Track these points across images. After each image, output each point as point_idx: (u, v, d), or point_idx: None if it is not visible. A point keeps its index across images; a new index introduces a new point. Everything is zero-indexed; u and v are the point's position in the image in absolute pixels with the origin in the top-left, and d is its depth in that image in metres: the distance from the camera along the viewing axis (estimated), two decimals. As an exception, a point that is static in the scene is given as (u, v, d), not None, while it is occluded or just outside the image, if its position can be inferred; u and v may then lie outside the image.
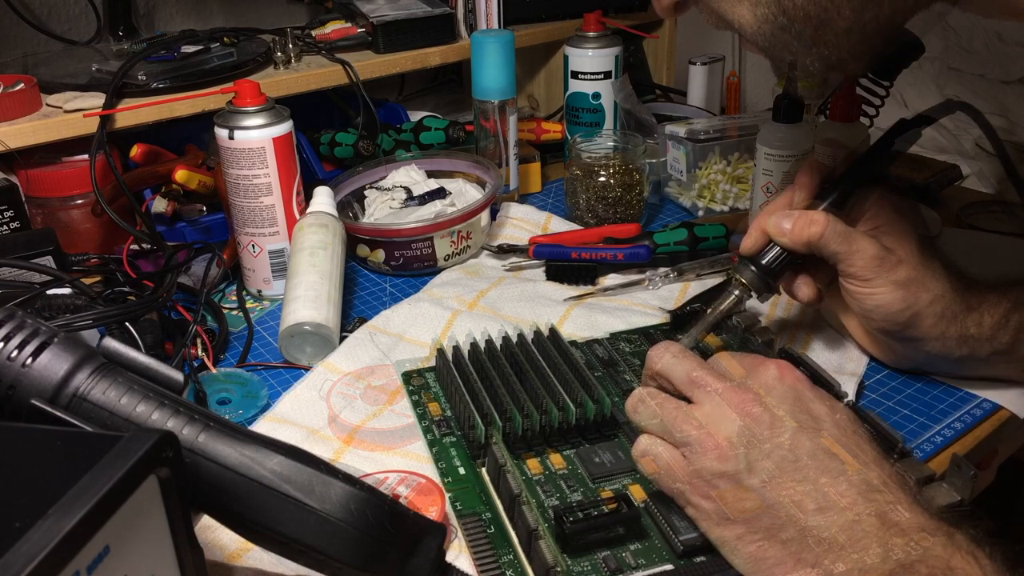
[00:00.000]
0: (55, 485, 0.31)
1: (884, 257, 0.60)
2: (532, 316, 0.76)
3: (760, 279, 0.65)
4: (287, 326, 0.70)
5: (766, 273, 0.65)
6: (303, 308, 0.71)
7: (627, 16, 1.18)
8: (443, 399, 0.65)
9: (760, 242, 0.65)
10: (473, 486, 0.57)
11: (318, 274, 0.74)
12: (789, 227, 0.62)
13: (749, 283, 0.65)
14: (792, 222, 0.62)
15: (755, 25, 0.50)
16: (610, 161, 0.93)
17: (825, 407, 0.49)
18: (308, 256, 0.75)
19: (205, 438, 0.40)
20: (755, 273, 0.65)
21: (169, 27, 1.10)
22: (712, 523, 0.48)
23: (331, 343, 0.71)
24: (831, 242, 0.61)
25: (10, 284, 0.67)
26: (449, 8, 1.04)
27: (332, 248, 0.77)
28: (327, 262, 0.75)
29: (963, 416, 0.64)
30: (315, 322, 0.70)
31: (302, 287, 0.73)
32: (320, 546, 0.40)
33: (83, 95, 0.83)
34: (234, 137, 0.76)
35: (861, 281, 0.61)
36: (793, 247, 0.63)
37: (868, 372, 0.68)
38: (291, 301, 0.72)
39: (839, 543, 0.44)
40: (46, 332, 0.41)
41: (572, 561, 0.50)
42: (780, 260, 0.64)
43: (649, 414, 0.51)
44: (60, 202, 0.84)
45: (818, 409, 0.49)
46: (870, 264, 0.60)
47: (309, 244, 0.76)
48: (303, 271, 0.74)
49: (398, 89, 1.23)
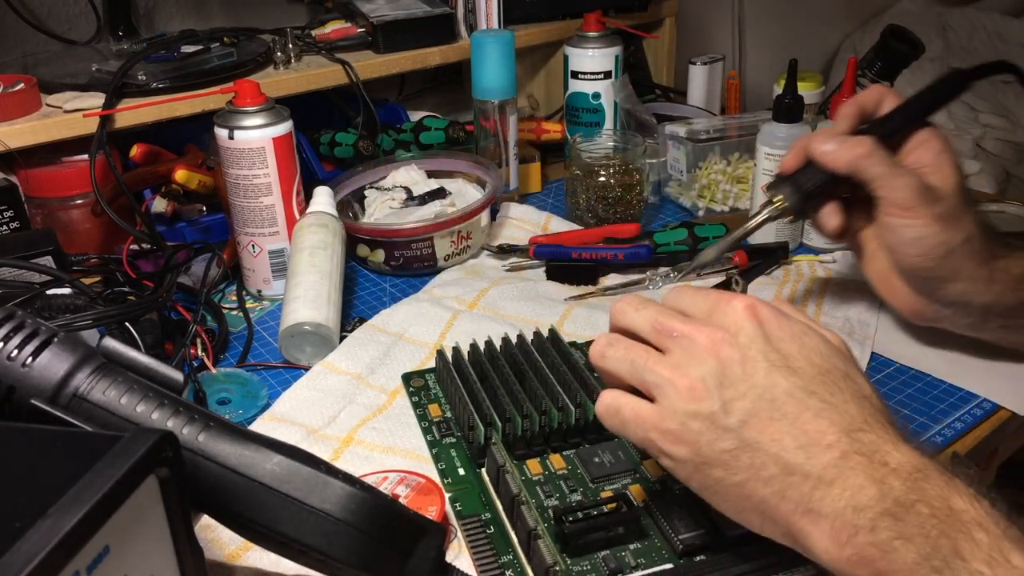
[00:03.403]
0: (55, 485, 0.31)
1: (926, 189, 0.60)
2: (532, 316, 0.76)
3: (797, 199, 0.63)
4: (287, 326, 0.70)
5: (804, 194, 0.63)
6: (303, 308, 0.71)
7: (627, 16, 1.19)
8: (443, 400, 0.65)
9: (799, 159, 0.64)
10: (473, 487, 0.57)
11: (318, 274, 0.74)
12: (833, 148, 0.61)
13: (786, 201, 0.63)
14: (837, 143, 0.61)
15: None
16: (610, 161, 0.93)
17: (796, 345, 0.46)
18: (308, 256, 0.75)
19: (205, 438, 0.40)
20: (791, 191, 0.63)
21: (169, 27, 1.10)
22: (690, 470, 0.45)
23: (331, 343, 0.71)
24: (876, 164, 0.60)
25: (10, 284, 0.67)
26: (449, 8, 1.04)
27: (332, 248, 0.77)
28: (327, 262, 0.75)
29: (963, 416, 0.64)
30: (315, 322, 0.70)
31: (302, 287, 0.73)
32: (320, 546, 0.40)
33: (83, 95, 0.83)
34: (234, 137, 0.76)
35: (902, 210, 0.60)
36: (835, 167, 0.62)
37: (869, 372, 0.68)
38: (291, 301, 0.72)
39: (827, 479, 0.42)
40: (46, 332, 0.41)
41: (572, 561, 0.50)
42: (819, 184, 0.63)
43: (619, 357, 0.48)
44: (60, 202, 0.83)
45: (789, 348, 0.46)
46: (913, 193, 0.60)
47: (309, 244, 0.76)
48: (303, 271, 0.74)
49: (398, 89, 1.23)
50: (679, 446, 0.45)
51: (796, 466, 0.42)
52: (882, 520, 0.40)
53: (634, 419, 0.47)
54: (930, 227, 0.60)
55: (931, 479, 0.41)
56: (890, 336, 0.72)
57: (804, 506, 0.42)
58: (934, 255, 0.61)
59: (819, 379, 0.45)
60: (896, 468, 0.41)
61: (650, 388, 0.46)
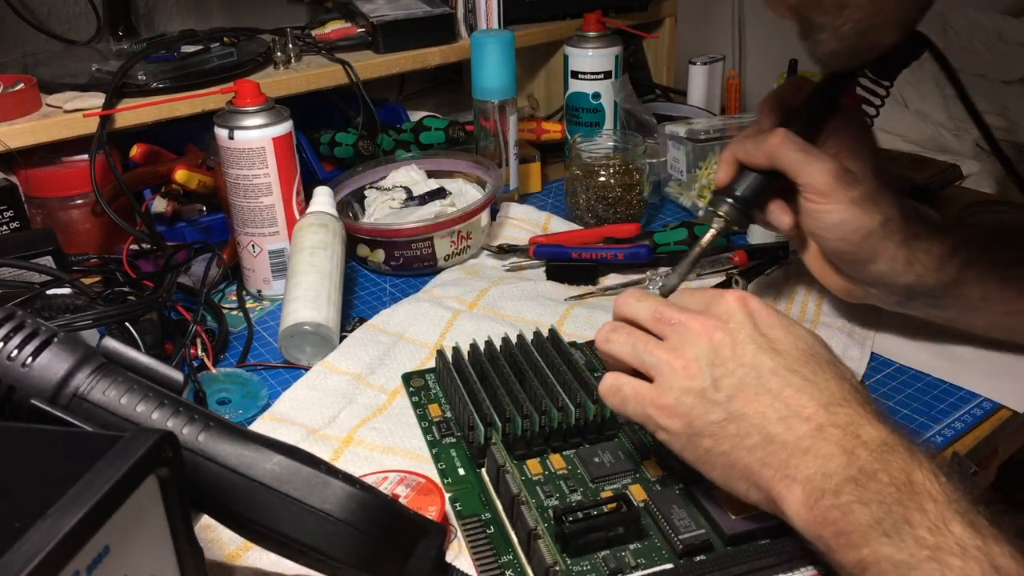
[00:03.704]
0: (55, 485, 0.31)
1: (841, 174, 0.62)
2: (533, 316, 0.76)
3: (736, 209, 0.66)
4: (287, 326, 0.70)
5: (741, 202, 0.66)
6: (303, 308, 0.71)
7: (627, 16, 1.19)
8: (443, 400, 0.65)
9: (731, 171, 0.67)
10: (473, 487, 0.57)
11: (318, 274, 0.74)
12: (751, 146, 0.65)
13: (727, 215, 0.66)
14: (753, 141, 0.65)
15: None
16: (610, 161, 0.93)
17: (783, 331, 0.50)
18: (308, 256, 0.75)
19: (205, 438, 0.40)
20: (731, 204, 0.66)
21: (169, 27, 1.10)
22: (683, 441, 0.49)
23: (331, 343, 0.71)
24: (789, 151, 0.62)
25: (10, 284, 0.67)
26: (449, 8, 1.04)
27: (332, 248, 0.77)
28: (327, 262, 0.75)
29: (963, 416, 0.64)
30: (315, 322, 0.70)
31: (302, 287, 0.73)
32: (320, 546, 0.40)
33: (83, 95, 0.83)
34: (234, 137, 0.76)
35: (819, 195, 0.62)
36: (757, 164, 0.65)
37: (869, 372, 0.68)
38: (291, 301, 0.72)
39: (802, 448, 0.45)
40: (46, 332, 0.41)
41: (572, 561, 0.50)
42: (753, 187, 0.66)
43: (621, 341, 0.53)
44: (60, 202, 0.83)
45: (776, 333, 0.50)
46: (827, 177, 0.61)
47: (309, 244, 0.76)
48: (303, 271, 0.74)
49: (398, 89, 1.23)
50: (674, 419, 0.49)
51: (776, 435, 0.46)
52: (846, 485, 0.43)
53: (634, 396, 0.51)
54: (848, 211, 0.62)
55: (897, 452, 0.44)
56: (890, 336, 0.72)
57: (782, 472, 0.46)
58: (853, 239, 0.63)
59: (802, 359, 0.49)
60: (867, 441, 0.45)
61: (649, 369, 0.51)
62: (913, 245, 0.63)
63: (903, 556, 0.41)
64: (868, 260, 0.64)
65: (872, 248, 0.63)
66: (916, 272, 0.63)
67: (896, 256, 0.63)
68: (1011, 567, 0.39)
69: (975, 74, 1.50)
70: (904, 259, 0.63)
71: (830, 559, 0.45)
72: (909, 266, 0.63)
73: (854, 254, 0.64)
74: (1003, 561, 0.39)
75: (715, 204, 0.67)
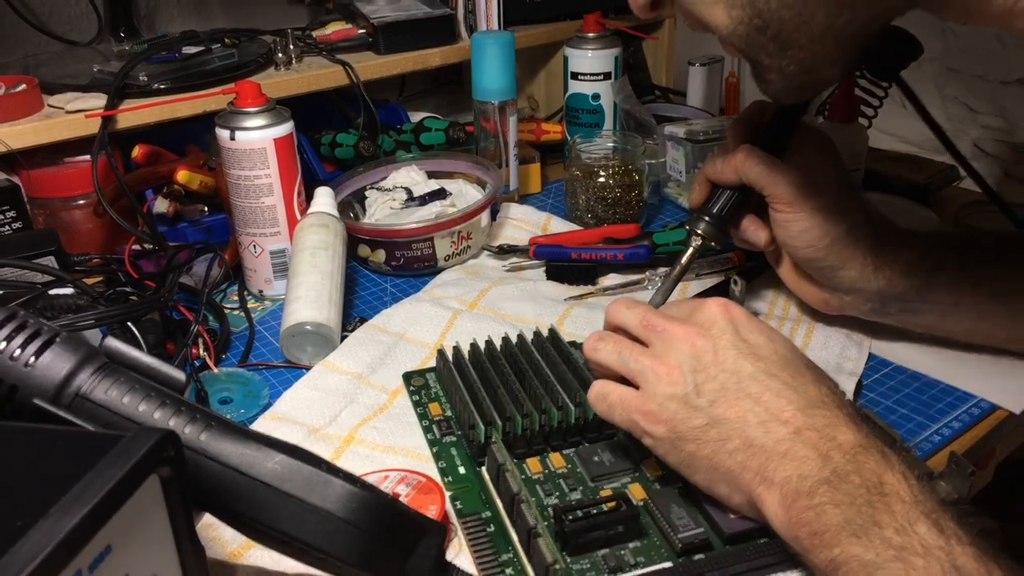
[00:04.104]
0: (57, 484, 0.31)
1: (805, 184, 0.64)
2: (532, 316, 0.77)
3: (712, 226, 0.69)
4: (288, 326, 0.71)
5: (717, 219, 0.69)
6: (304, 308, 0.71)
7: (627, 17, 1.18)
8: (443, 400, 0.66)
9: (704, 191, 0.70)
10: (473, 486, 0.57)
11: (319, 274, 0.74)
12: (719, 164, 0.67)
13: (704, 232, 0.69)
14: (721, 160, 0.67)
15: (730, 26, 0.51)
16: (610, 162, 0.93)
17: (763, 337, 0.52)
18: (309, 256, 0.76)
19: (207, 437, 0.40)
20: (707, 222, 0.69)
21: (170, 28, 1.10)
22: (667, 447, 0.51)
23: (332, 343, 0.71)
24: (754, 165, 0.65)
25: (12, 284, 0.67)
26: (449, 9, 1.04)
27: (333, 248, 0.77)
28: (328, 262, 0.76)
29: (961, 415, 0.64)
30: (316, 322, 0.71)
31: (303, 287, 0.73)
32: (321, 544, 0.40)
33: (85, 96, 0.84)
34: (235, 138, 0.76)
35: (785, 205, 0.64)
36: (727, 180, 0.67)
37: (867, 372, 0.69)
38: (292, 301, 0.72)
39: (780, 452, 0.47)
40: (48, 332, 0.41)
41: (572, 559, 0.50)
42: (727, 205, 0.68)
43: (608, 349, 0.54)
44: (62, 202, 0.84)
45: (756, 339, 0.51)
46: (791, 188, 0.64)
47: (310, 244, 0.77)
48: (304, 271, 0.74)
49: (399, 90, 1.24)
50: (658, 425, 0.51)
51: (755, 439, 0.48)
52: (820, 487, 0.45)
53: (620, 403, 0.52)
54: (812, 218, 0.64)
55: (870, 454, 0.45)
56: (888, 337, 0.72)
57: (761, 475, 0.47)
58: (820, 245, 0.65)
59: (782, 364, 0.50)
60: (842, 443, 0.46)
61: (634, 376, 0.53)
62: (881, 251, 0.65)
63: (870, 556, 0.42)
64: (837, 266, 0.65)
65: (839, 254, 0.65)
66: (886, 277, 0.65)
67: (864, 262, 0.65)
68: (971, 566, 0.40)
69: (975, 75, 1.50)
70: (872, 265, 0.65)
71: (806, 559, 0.46)
72: (878, 271, 0.65)
73: (823, 260, 0.66)
74: (963, 560, 0.40)
75: (692, 223, 0.70)
